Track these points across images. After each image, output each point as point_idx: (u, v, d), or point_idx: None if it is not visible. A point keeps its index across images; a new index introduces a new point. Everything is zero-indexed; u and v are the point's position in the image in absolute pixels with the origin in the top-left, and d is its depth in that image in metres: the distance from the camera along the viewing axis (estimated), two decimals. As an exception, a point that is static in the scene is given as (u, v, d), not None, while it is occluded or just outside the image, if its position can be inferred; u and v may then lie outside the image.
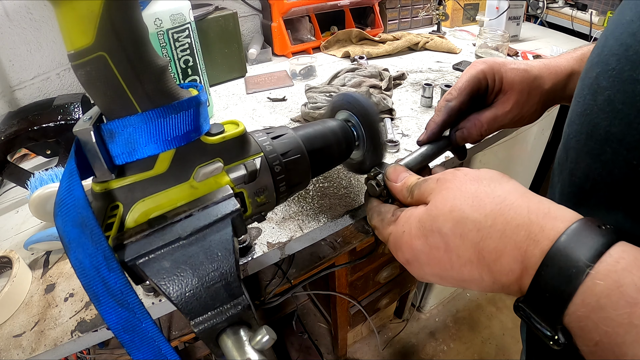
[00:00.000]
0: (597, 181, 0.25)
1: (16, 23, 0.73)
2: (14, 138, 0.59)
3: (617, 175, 0.23)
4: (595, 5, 1.41)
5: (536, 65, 0.39)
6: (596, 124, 0.24)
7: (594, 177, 0.25)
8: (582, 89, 0.27)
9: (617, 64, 0.23)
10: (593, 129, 0.25)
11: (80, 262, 0.21)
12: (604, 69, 0.24)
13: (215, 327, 0.24)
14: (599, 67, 0.24)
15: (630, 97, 0.22)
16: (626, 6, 0.24)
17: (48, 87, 0.81)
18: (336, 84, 0.78)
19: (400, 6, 1.27)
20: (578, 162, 0.27)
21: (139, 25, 0.23)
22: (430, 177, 0.28)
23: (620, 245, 0.19)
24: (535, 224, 0.21)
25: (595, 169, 0.25)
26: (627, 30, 0.22)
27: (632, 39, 0.22)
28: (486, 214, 0.23)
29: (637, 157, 0.22)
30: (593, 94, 0.25)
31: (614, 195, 0.24)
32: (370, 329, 1.24)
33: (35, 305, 0.43)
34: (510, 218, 0.22)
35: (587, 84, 0.26)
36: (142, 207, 0.25)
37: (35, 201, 0.49)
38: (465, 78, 0.39)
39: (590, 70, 0.26)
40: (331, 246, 0.69)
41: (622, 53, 0.22)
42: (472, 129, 0.39)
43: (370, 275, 0.97)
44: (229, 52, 0.94)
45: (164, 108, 0.24)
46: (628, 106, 0.22)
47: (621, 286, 0.17)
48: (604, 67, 0.24)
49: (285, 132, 0.34)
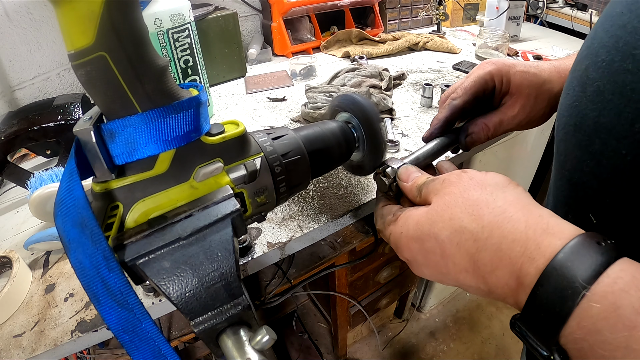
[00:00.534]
0: (585, 172, 0.25)
1: (16, 23, 0.73)
2: (14, 138, 0.59)
3: (606, 166, 0.23)
4: (595, 5, 1.41)
5: (546, 68, 0.38)
6: (585, 115, 0.24)
7: (581, 169, 0.25)
8: (571, 81, 0.27)
9: (607, 55, 0.23)
10: (581, 120, 0.25)
11: (80, 262, 0.21)
12: (594, 61, 0.24)
13: (215, 327, 0.24)
14: (588, 60, 0.25)
15: (620, 87, 0.21)
16: None
17: (48, 87, 0.81)
18: (336, 84, 0.78)
19: (400, 6, 1.27)
20: (567, 155, 0.27)
21: (140, 25, 0.23)
22: (437, 178, 0.28)
23: (620, 263, 0.18)
24: (531, 241, 0.21)
25: (583, 161, 0.25)
26: (617, 23, 0.22)
27: (622, 30, 0.22)
28: (483, 226, 0.23)
29: (627, 146, 0.21)
30: (582, 86, 0.25)
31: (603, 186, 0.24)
32: (370, 329, 1.24)
33: (35, 305, 0.43)
34: (507, 232, 0.22)
35: (576, 76, 0.26)
36: (142, 207, 0.25)
37: (35, 201, 0.49)
38: (472, 78, 0.38)
39: (580, 63, 0.26)
40: (331, 246, 0.69)
41: (612, 45, 0.22)
42: (480, 133, 0.39)
43: (370, 275, 0.97)
44: (229, 52, 0.94)
45: (164, 108, 0.24)
46: (618, 96, 0.22)
47: (618, 308, 0.17)
48: (594, 59, 0.24)
49: (285, 132, 0.34)
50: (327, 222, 0.49)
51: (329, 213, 0.51)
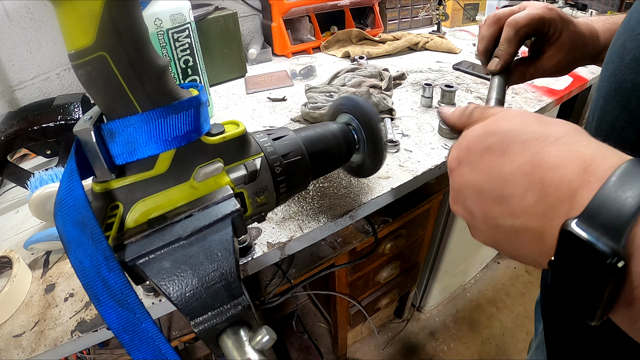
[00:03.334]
0: (623, 127, 0.29)
1: (16, 23, 0.73)
2: (14, 138, 0.59)
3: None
4: (595, 5, 1.41)
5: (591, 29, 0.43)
6: (624, 79, 0.28)
7: (620, 126, 0.29)
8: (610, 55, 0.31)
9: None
10: (621, 85, 0.29)
11: (80, 262, 0.21)
12: (630, 35, 0.28)
13: (215, 327, 0.24)
14: (626, 35, 0.29)
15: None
16: None
17: (48, 87, 0.81)
18: (336, 84, 0.78)
19: (400, 6, 1.27)
20: (604, 117, 0.31)
21: (140, 25, 0.23)
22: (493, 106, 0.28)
23: None
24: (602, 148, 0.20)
25: (622, 118, 0.29)
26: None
27: None
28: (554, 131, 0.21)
29: None
30: (621, 56, 0.29)
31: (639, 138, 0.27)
32: (370, 329, 1.24)
33: (35, 305, 0.43)
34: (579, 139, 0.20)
35: (614, 50, 0.30)
36: (142, 207, 0.25)
37: (35, 201, 0.49)
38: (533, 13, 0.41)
39: (618, 39, 0.30)
40: (331, 246, 0.69)
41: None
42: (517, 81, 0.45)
43: (370, 275, 0.97)
44: (229, 52, 0.94)
45: (164, 108, 0.24)
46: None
47: None
48: (630, 33, 0.28)
49: (286, 133, 0.34)
50: (327, 222, 0.49)
51: (329, 213, 0.51)
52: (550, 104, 0.79)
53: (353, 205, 0.52)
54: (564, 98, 0.84)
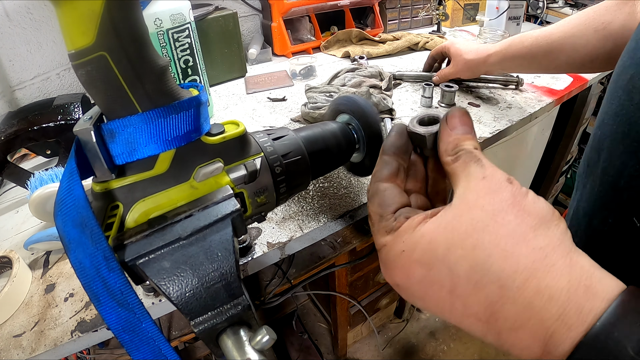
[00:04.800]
0: (632, 176, 0.26)
1: (16, 23, 0.73)
2: (14, 138, 0.59)
3: None
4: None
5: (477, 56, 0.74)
6: (634, 122, 0.25)
7: (629, 173, 0.26)
8: (616, 90, 0.27)
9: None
10: (630, 128, 0.26)
11: (80, 262, 0.21)
12: (638, 71, 0.25)
13: (215, 327, 0.24)
14: (633, 69, 0.26)
15: None
16: None
17: (48, 87, 0.81)
18: (336, 84, 0.78)
19: (400, 6, 1.27)
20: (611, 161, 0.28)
21: (140, 25, 0.23)
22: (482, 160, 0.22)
23: None
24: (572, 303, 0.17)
25: (631, 165, 0.26)
26: None
27: None
28: (517, 270, 0.18)
29: None
30: (628, 94, 0.26)
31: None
32: (370, 329, 1.24)
33: (35, 305, 0.43)
34: (545, 286, 0.18)
35: (620, 85, 0.27)
36: (142, 207, 0.25)
37: (35, 201, 0.49)
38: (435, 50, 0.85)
39: (624, 73, 0.27)
40: (331, 246, 0.69)
41: None
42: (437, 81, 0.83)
43: (370, 275, 0.97)
44: (229, 52, 0.94)
45: (164, 108, 0.24)
46: None
47: None
48: (638, 68, 0.25)
49: (286, 133, 0.34)
50: (327, 222, 0.49)
51: (329, 213, 0.51)
52: (550, 104, 0.79)
53: (353, 205, 0.52)
54: (564, 98, 0.84)
